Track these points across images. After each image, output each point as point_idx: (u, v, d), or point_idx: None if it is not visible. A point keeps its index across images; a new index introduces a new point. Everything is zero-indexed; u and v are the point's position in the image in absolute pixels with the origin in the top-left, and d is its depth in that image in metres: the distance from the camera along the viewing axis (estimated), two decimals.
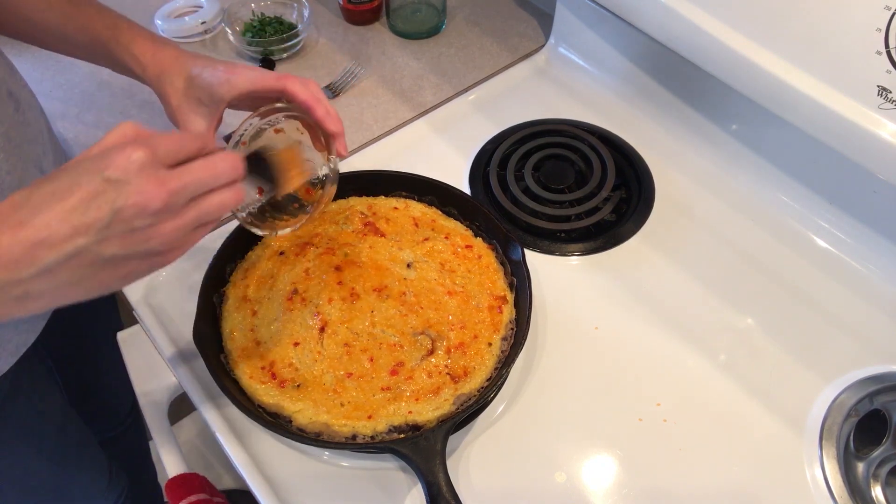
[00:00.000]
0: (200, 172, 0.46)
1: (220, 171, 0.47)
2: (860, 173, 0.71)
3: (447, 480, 0.57)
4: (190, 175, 0.45)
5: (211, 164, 0.46)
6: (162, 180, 0.43)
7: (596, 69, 0.98)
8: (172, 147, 0.45)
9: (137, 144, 0.43)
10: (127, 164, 0.42)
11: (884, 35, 0.62)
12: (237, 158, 0.49)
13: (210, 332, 0.67)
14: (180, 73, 0.64)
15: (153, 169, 0.43)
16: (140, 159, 0.42)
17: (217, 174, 0.47)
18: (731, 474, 0.65)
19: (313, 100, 0.61)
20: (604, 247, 0.81)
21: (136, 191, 0.42)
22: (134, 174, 0.42)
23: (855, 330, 0.75)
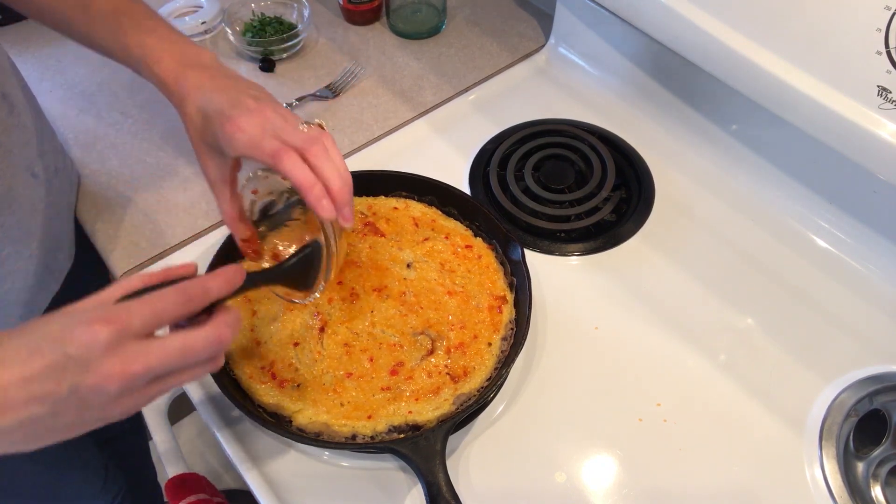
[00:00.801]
0: (171, 356, 0.44)
1: (196, 353, 0.45)
2: (860, 173, 0.71)
3: (447, 480, 0.57)
4: (158, 357, 0.43)
5: (188, 345, 0.45)
6: (125, 362, 0.42)
7: (596, 69, 0.98)
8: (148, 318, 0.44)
9: (106, 321, 0.42)
10: (91, 342, 0.41)
11: (884, 35, 0.62)
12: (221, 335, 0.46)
13: None
14: (197, 107, 0.60)
15: (119, 347, 0.42)
16: (105, 339, 0.41)
17: (191, 357, 0.45)
18: (731, 474, 0.65)
19: (307, 184, 0.55)
20: (604, 247, 0.81)
21: (95, 372, 0.41)
22: (97, 353, 0.41)
23: (855, 330, 0.75)
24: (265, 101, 0.59)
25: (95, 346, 0.41)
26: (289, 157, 0.55)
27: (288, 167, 0.55)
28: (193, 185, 0.85)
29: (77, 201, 0.83)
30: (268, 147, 0.56)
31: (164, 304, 0.45)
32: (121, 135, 0.90)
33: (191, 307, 0.46)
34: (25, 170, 0.68)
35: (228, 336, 0.47)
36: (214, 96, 0.59)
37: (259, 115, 0.57)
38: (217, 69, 0.62)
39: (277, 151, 0.55)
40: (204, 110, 0.59)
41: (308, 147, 0.56)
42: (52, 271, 0.76)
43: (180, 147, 0.89)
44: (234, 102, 0.58)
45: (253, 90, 0.60)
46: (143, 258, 0.78)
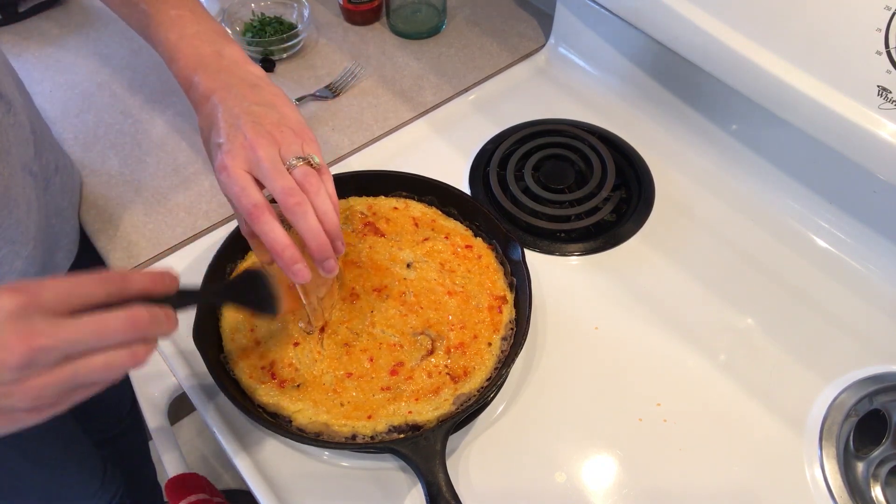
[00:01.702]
0: (82, 330, 0.40)
1: (111, 329, 0.42)
2: (860, 173, 0.71)
3: (447, 480, 0.57)
4: (67, 331, 0.40)
5: (101, 322, 0.41)
6: (29, 334, 0.39)
7: (596, 69, 0.98)
8: (62, 293, 0.41)
9: (14, 290, 0.39)
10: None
11: (884, 35, 0.62)
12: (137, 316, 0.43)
13: (210, 332, 0.67)
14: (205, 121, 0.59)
15: (25, 319, 0.39)
16: (9, 307, 0.39)
17: (105, 333, 0.41)
18: (731, 474, 0.65)
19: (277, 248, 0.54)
20: (604, 247, 0.81)
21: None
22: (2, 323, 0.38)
23: (855, 330, 0.75)
24: (267, 124, 0.57)
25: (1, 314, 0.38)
26: (263, 218, 0.54)
27: (260, 230, 0.54)
28: (193, 185, 0.85)
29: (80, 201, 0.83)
30: (244, 204, 0.54)
31: (78, 283, 0.42)
32: (121, 135, 0.90)
33: (105, 289, 0.43)
34: (23, 169, 0.68)
35: (146, 321, 0.43)
36: (218, 117, 0.57)
37: (249, 153, 0.55)
38: (231, 71, 0.60)
39: (252, 212, 0.54)
40: (209, 130, 0.58)
41: (287, 199, 0.54)
42: (51, 271, 0.76)
43: (180, 147, 0.89)
44: (231, 129, 0.56)
45: (262, 100, 0.58)
46: (143, 258, 0.78)
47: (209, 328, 0.67)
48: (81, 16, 1.05)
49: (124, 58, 0.99)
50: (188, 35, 0.62)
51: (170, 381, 0.72)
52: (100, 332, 0.41)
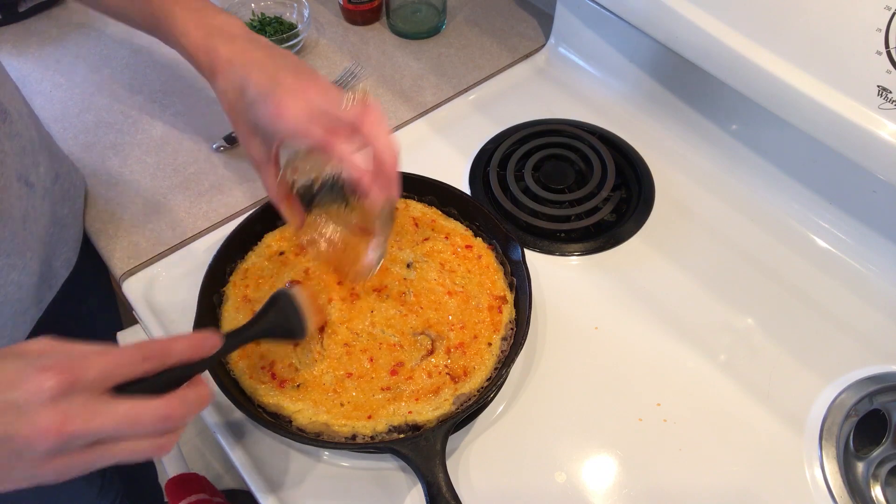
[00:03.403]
0: (115, 421, 0.41)
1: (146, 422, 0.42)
2: (860, 173, 0.71)
3: (447, 480, 0.57)
4: (101, 420, 0.40)
5: (135, 413, 0.41)
6: (64, 420, 0.39)
7: (596, 69, 0.98)
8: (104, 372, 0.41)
9: (59, 371, 0.39)
10: (37, 390, 0.39)
11: (884, 35, 0.62)
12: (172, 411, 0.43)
13: None
14: (231, 83, 0.58)
15: (64, 400, 0.39)
16: (52, 389, 0.39)
17: (136, 427, 0.42)
18: (731, 474, 0.65)
19: (357, 174, 0.55)
20: (604, 247, 0.81)
21: (30, 423, 0.38)
22: (38, 404, 0.39)
23: (855, 330, 0.75)
24: (305, 75, 0.57)
25: (41, 394, 0.39)
26: (339, 145, 0.54)
27: (339, 156, 0.55)
28: (193, 185, 0.85)
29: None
30: (316, 134, 0.54)
31: (121, 360, 0.42)
32: (121, 135, 0.90)
33: (147, 366, 0.43)
34: (18, 179, 0.67)
35: (180, 414, 0.43)
36: (251, 73, 0.56)
37: (302, 95, 0.55)
38: (248, 39, 0.60)
39: (327, 140, 0.54)
40: (241, 88, 0.57)
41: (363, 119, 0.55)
42: (48, 280, 0.76)
43: (180, 147, 0.89)
44: (274, 80, 0.56)
45: (289, 62, 0.58)
46: (143, 258, 0.78)
47: (209, 328, 0.67)
48: (81, 16, 1.05)
49: (124, 58, 0.99)
50: (194, 9, 0.61)
51: None
52: (133, 423, 0.42)
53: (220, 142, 0.88)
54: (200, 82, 0.95)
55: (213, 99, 0.93)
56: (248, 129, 0.60)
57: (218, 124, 0.91)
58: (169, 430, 0.44)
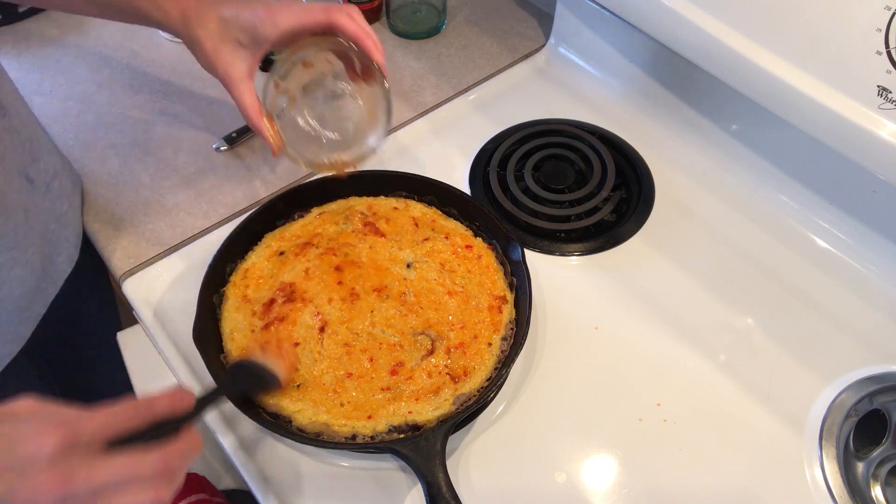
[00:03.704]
0: (115, 473, 0.42)
1: (145, 472, 0.43)
2: (860, 173, 0.71)
3: (447, 480, 0.57)
4: (102, 473, 0.42)
5: (133, 465, 0.43)
6: (65, 478, 0.40)
7: (596, 69, 0.98)
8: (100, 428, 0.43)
9: (56, 428, 0.41)
10: (36, 451, 0.40)
11: (884, 35, 0.62)
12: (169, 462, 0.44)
13: (210, 332, 0.67)
14: (210, 15, 0.63)
15: (64, 458, 0.40)
16: (52, 447, 0.40)
17: (138, 475, 0.43)
18: (731, 474, 0.65)
19: (362, 33, 0.64)
20: (604, 247, 0.81)
21: (32, 483, 0.40)
22: (41, 462, 0.40)
23: (855, 330, 0.75)
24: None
25: (42, 453, 0.40)
26: (340, 13, 0.63)
27: (344, 21, 0.63)
28: (193, 185, 0.85)
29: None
30: (317, 9, 0.63)
31: (112, 416, 0.44)
32: (121, 135, 0.90)
33: (136, 421, 0.45)
34: (19, 174, 0.67)
35: (176, 463, 0.45)
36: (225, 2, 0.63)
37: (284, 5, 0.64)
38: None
39: (328, 8, 0.63)
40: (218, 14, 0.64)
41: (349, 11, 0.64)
42: (50, 276, 0.76)
43: (181, 147, 0.89)
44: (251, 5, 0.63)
45: None
46: (143, 258, 0.78)
47: (209, 328, 0.67)
48: (81, 16, 1.05)
49: (124, 58, 0.99)
50: None
51: (170, 381, 0.72)
52: (133, 474, 0.43)
53: (220, 142, 0.88)
54: (200, 82, 0.95)
55: (213, 99, 0.93)
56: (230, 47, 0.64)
57: (218, 124, 0.91)
58: (167, 481, 0.45)
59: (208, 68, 0.67)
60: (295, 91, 0.71)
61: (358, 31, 0.63)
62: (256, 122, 0.67)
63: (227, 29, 0.63)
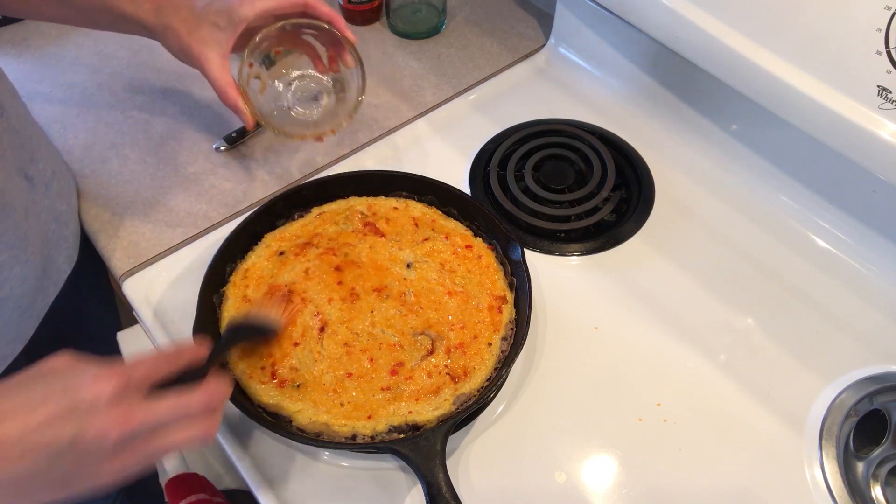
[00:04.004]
0: (168, 409, 0.46)
1: (193, 406, 0.48)
2: (860, 173, 0.71)
3: (447, 480, 0.57)
4: (157, 411, 0.46)
5: (183, 401, 0.47)
6: (127, 414, 0.44)
7: (596, 69, 0.98)
8: (146, 373, 0.47)
9: (111, 375, 0.45)
10: (98, 392, 0.43)
11: (884, 35, 0.62)
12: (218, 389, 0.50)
13: (210, 333, 0.67)
14: (183, 3, 0.67)
15: (122, 399, 0.44)
16: (111, 390, 0.44)
17: (188, 409, 0.48)
18: (731, 474, 0.65)
19: (335, 15, 0.71)
20: (604, 247, 0.81)
21: (99, 419, 0.43)
22: (103, 404, 0.43)
23: (855, 330, 0.75)
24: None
25: (101, 395, 0.43)
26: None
27: (314, 2, 0.70)
28: (193, 185, 0.85)
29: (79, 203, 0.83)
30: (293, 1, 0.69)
31: (155, 363, 0.49)
32: (121, 135, 0.90)
33: (171, 366, 0.50)
34: (18, 173, 0.68)
35: (217, 396, 0.50)
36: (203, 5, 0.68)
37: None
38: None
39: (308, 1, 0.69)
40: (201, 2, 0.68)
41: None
42: (51, 275, 0.76)
43: (181, 147, 0.89)
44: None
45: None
46: (143, 258, 0.78)
47: (209, 328, 0.67)
48: None
49: (124, 58, 0.99)
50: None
51: None
52: (183, 411, 0.47)
53: (220, 142, 0.88)
54: (200, 82, 0.95)
55: (213, 99, 0.93)
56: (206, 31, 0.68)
57: (218, 124, 0.91)
58: (213, 418, 0.49)
59: (182, 52, 0.70)
60: (267, 73, 0.78)
61: (331, 12, 0.70)
62: (232, 96, 0.71)
63: (202, 13, 0.67)
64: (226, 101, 0.72)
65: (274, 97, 0.79)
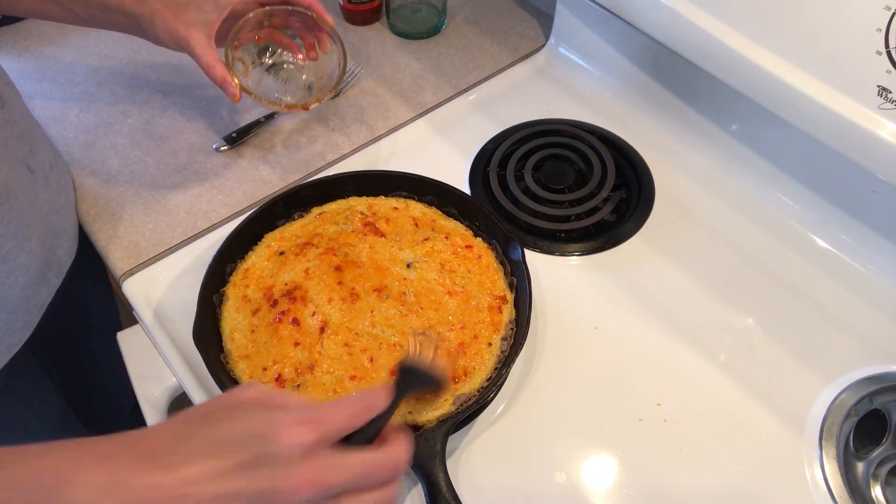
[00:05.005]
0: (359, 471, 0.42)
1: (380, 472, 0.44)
2: (860, 173, 0.71)
3: (447, 480, 0.57)
4: (349, 470, 0.42)
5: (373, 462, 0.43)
6: (323, 470, 0.40)
7: (596, 69, 0.98)
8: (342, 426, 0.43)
9: (310, 423, 0.41)
10: (294, 444, 0.40)
11: (884, 35, 0.62)
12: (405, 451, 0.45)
13: (210, 332, 0.67)
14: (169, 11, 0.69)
15: (317, 452, 0.41)
16: (308, 443, 0.40)
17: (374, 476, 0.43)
18: (731, 474, 0.65)
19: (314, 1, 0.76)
20: (604, 247, 0.81)
21: (293, 477, 0.39)
22: (297, 457, 0.40)
23: (855, 330, 0.75)
24: None
25: (297, 448, 0.40)
26: None
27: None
28: (193, 185, 0.85)
29: (76, 200, 0.83)
30: None
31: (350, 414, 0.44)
32: (121, 135, 0.90)
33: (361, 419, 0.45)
34: (20, 164, 0.68)
35: (405, 461, 0.45)
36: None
37: None
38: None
39: None
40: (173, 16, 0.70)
41: None
42: (53, 267, 0.77)
43: (181, 147, 0.89)
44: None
45: None
46: (143, 258, 0.78)
47: (209, 328, 0.67)
48: None
49: (124, 58, 0.99)
50: None
51: (170, 381, 0.72)
52: (373, 474, 0.43)
53: (220, 142, 0.88)
54: (200, 82, 0.95)
55: (213, 99, 0.93)
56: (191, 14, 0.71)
57: (218, 124, 0.91)
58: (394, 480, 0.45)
59: (169, 35, 0.71)
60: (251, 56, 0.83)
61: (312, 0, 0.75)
62: (219, 70, 0.73)
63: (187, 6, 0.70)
64: (212, 76, 0.73)
65: (259, 78, 0.85)
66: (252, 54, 0.85)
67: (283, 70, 0.87)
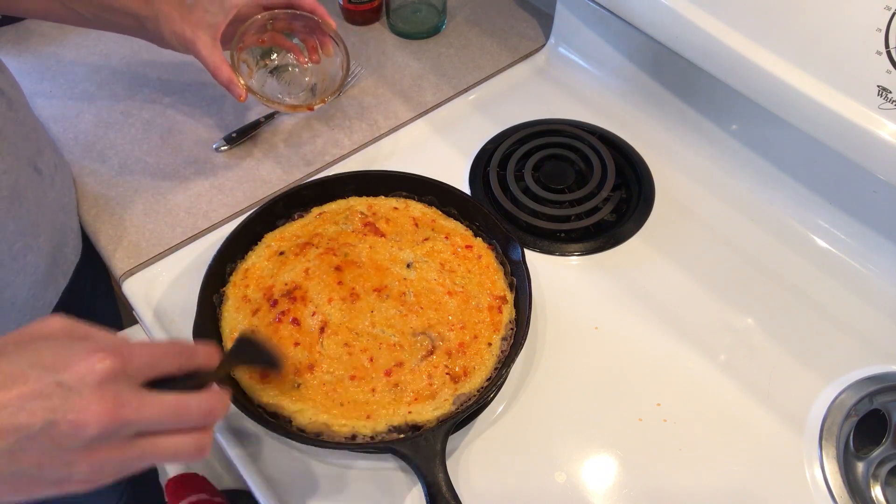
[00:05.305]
0: (164, 411, 0.40)
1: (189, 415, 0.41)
2: (860, 173, 0.71)
3: (447, 480, 0.57)
4: (151, 408, 0.39)
5: (182, 404, 0.41)
6: (116, 403, 0.37)
7: (596, 69, 0.98)
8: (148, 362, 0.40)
9: (108, 353, 0.38)
10: (87, 371, 0.37)
11: (884, 35, 0.62)
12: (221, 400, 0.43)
13: (210, 332, 0.67)
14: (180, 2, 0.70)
15: (115, 385, 0.38)
16: (103, 371, 0.37)
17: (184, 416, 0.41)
18: (731, 474, 0.65)
19: (316, 4, 0.77)
20: (604, 247, 0.81)
21: (80, 406, 0.36)
22: (90, 385, 0.37)
23: (855, 330, 0.75)
24: None
25: (91, 376, 0.37)
26: None
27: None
28: (193, 185, 0.85)
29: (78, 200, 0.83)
30: None
31: (161, 353, 0.42)
32: (121, 135, 0.90)
33: (179, 362, 0.43)
34: (28, 164, 0.69)
35: (220, 409, 0.43)
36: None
37: None
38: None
39: None
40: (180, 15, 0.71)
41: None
42: (60, 265, 0.77)
43: (181, 147, 0.89)
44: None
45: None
46: (143, 258, 0.78)
47: (209, 328, 0.67)
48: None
49: (124, 58, 0.99)
50: None
51: None
52: (180, 414, 0.41)
53: (220, 142, 0.88)
54: (200, 82, 0.95)
55: (212, 98, 0.93)
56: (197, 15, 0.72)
57: (218, 124, 0.91)
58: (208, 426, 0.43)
59: (175, 36, 0.72)
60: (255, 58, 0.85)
61: (313, 3, 0.76)
62: (225, 71, 0.74)
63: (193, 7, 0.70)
64: (219, 77, 0.74)
65: (262, 80, 0.87)
66: (256, 56, 0.85)
67: (287, 72, 0.89)
